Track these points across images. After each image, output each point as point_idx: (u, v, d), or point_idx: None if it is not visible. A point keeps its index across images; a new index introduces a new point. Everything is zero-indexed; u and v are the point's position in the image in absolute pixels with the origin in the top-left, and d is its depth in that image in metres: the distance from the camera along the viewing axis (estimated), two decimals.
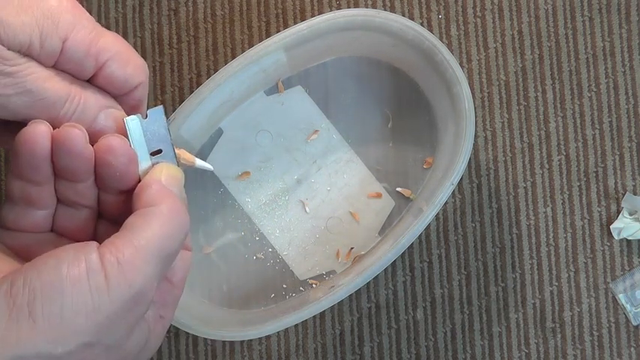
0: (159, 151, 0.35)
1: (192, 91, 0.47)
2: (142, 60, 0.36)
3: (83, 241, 0.32)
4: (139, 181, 0.34)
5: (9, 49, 0.31)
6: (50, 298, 0.28)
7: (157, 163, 0.35)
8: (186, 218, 0.33)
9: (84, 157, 0.32)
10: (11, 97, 0.31)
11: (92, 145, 0.33)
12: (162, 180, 0.33)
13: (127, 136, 0.34)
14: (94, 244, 0.30)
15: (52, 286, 0.29)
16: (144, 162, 0.35)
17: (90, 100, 0.34)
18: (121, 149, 0.33)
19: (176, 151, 0.38)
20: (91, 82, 0.35)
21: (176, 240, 0.32)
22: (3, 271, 0.30)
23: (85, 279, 0.29)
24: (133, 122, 0.34)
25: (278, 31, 0.48)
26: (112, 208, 0.35)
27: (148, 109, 0.36)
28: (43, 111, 0.32)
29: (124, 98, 0.36)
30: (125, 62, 0.35)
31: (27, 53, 0.32)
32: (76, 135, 0.32)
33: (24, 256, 0.33)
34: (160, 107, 0.35)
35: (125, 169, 0.33)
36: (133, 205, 0.33)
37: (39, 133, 0.32)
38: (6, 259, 0.32)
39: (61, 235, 0.35)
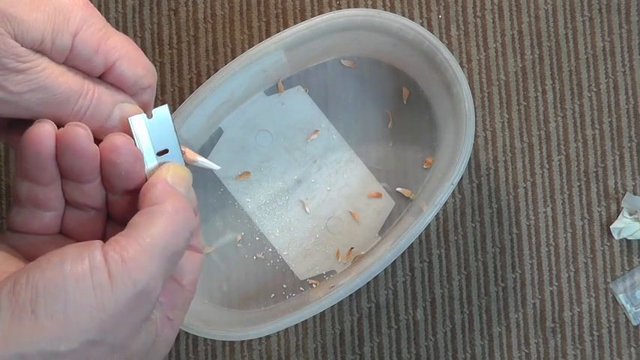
0: (165, 151, 0.35)
1: (192, 91, 0.47)
2: (151, 63, 0.36)
3: None
4: (146, 180, 0.34)
5: (22, 46, 0.31)
6: (53, 296, 0.28)
7: (164, 162, 0.35)
8: (191, 216, 0.33)
9: (88, 156, 0.32)
10: (25, 95, 0.31)
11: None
12: (168, 179, 0.33)
13: (132, 136, 0.34)
14: (99, 242, 0.30)
15: (54, 283, 0.28)
16: (150, 162, 0.34)
17: (104, 95, 0.34)
18: (126, 148, 0.33)
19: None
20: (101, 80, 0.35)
21: (181, 238, 0.32)
22: (9, 272, 0.30)
23: (89, 276, 0.29)
24: (137, 121, 0.34)
25: (278, 31, 0.48)
26: (119, 209, 0.35)
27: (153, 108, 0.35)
28: (56, 107, 0.32)
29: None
30: (135, 63, 0.35)
31: (39, 50, 0.32)
32: (79, 134, 0.32)
33: (32, 258, 0.33)
34: (165, 106, 0.35)
35: (131, 168, 0.33)
36: (139, 204, 0.32)
37: (43, 132, 0.32)
38: (12, 261, 0.32)
39: (70, 237, 0.35)
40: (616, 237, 0.51)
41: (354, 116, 0.51)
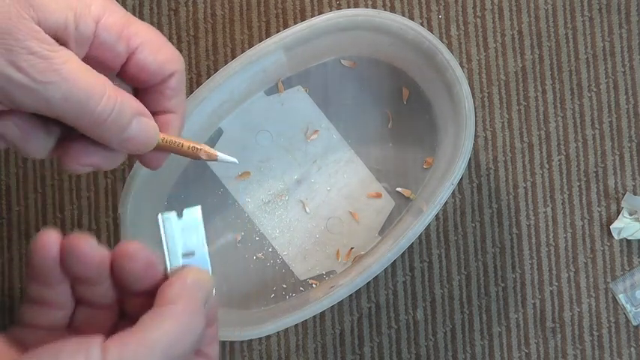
0: (192, 253, 0.34)
1: (192, 91, 0.47)
2: (176, 50, 0.36)
3: None
4: (166, 279, 0.33)
5: (45, 32, 0.31)
6: None
7: (188, 265, 0.34)
8: (200, 322, 0.31)
9: (93, 262, 0.32)
10: (48, 85, 0.31)
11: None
12: (187, 281, 0.32)
13: (160, 232, 0.33)
14: (99, 338, 0.29)
15: None
16: (174, 262, 0.33)
17: (126, 101, 0.34)
18: (138, 255, 0.32)
19: (197, 146, 0.37)
20: (123, 69, 0.35)
21: (186, 342, 0.31)
22: None
23: None
24: (167, 219, 0.33)
25: (278, 31, 0.48)
26: (132, 307, 0.34)
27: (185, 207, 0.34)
28: (77, 106, 0.32)
29: (158, 88, 0.36)
30: (157, 49, 0.34)
31: (62, 37, 0.32)
32: (82, 242, 0.31)
33: None
34: (198, 208, 0.34)
35: (143, 274, 0.32)
36: (155, 301, 0.32)
37: (47, 240, 0.31)
38: (11, 353, 0.31)
39: (80, 332, 0.34)
40: (616, 237, 0.51)
41: (354, 116, 0.51)
